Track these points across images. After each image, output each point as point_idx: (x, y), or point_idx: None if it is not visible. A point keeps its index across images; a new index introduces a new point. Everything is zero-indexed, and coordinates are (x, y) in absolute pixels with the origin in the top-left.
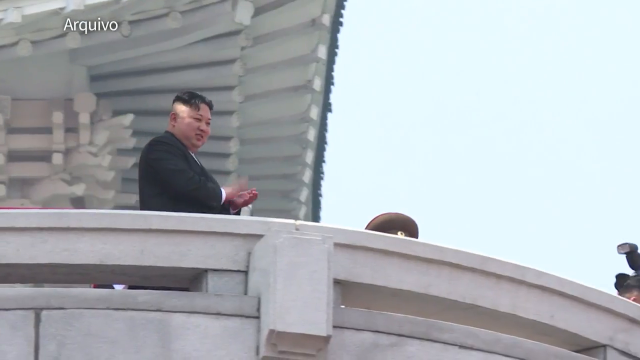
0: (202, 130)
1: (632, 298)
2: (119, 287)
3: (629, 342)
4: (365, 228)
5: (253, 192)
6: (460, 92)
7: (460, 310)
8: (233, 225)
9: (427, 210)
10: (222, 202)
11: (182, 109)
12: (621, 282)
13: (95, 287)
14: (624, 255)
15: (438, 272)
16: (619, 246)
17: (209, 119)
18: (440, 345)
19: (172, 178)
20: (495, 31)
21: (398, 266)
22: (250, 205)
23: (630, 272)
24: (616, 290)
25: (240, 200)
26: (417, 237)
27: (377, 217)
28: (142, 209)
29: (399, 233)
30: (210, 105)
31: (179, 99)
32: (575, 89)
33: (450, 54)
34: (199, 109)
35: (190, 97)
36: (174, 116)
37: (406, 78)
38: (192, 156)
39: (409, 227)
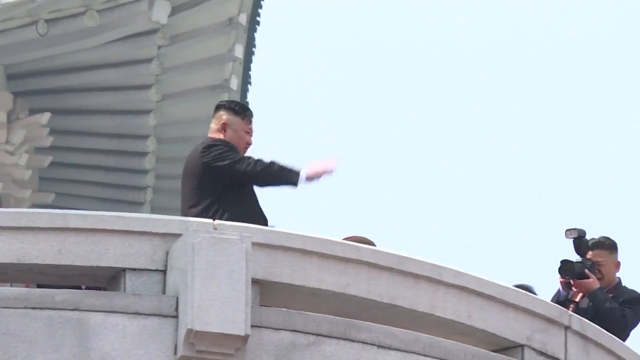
0: (248, 144)
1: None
2: None
3: (547, 342)
4: None
5: (330, 162)
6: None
7: (379, 309)
8: (151, 224)
9: (348, 204)
10: (300, 180)
11: (234, 120)
12: (565, 267)
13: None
14: (572, 241)
15: (356, 272)
16: (567, 231)
17: (252, 130)
18: (359, 345)
19: (236, 166)
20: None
21: (317, 266)
22: None
23: (575, 258)
24: (559, 275)
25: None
26: None
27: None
28: (195, 215)
29: None
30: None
31: (229, 109)
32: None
33: (366, 51)
34: (250, 123)
35: (243, 110)
36: (224, 125)
37: (323, 77)
38: None
39: None
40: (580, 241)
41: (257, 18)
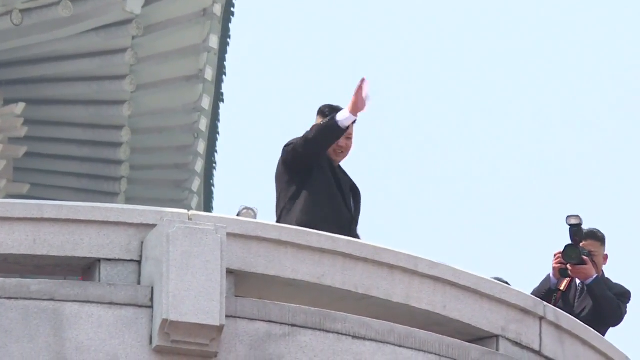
0: (340, 146)
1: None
2: None
3: (521, 332)
4: None
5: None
6: (354, 79)
7: (354, 300)
8: (126, 214)
9: None
10: (345, 121)
11: (320, 121)
12: (570, 253)
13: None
14: (570, 227)
15: (332, 262)
16: (569, 217)
17: (349, 133)
18: (334, 336)
19: (297, 145)
20: (388, 14)
21: (292, 256)
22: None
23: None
24: (556, 260)
25: (363, 99)
26: None
27: None
28: (287, 212)
29: None
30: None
31: (320, 112)
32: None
33: (341, 42)
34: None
35: (330, 112)
36: (315, 127)
37: (298, 68)
38: (338, 169)
39: None
40: (578, 229)
41: (232, 9)
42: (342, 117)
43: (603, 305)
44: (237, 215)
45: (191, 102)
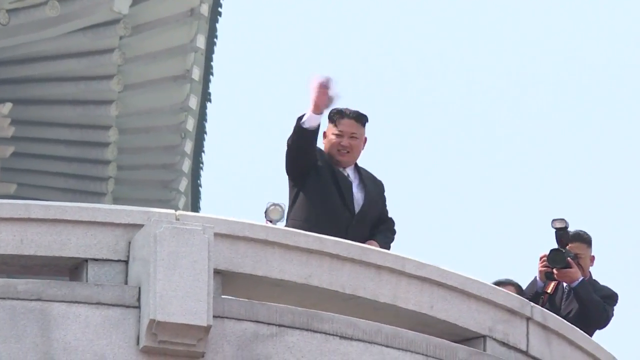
0: (342, 146)
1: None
2: None
3: (509, 332)
4: None
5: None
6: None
7: (341, 300)
8: (114, 215)
9: None
10: (308, 122)
11: (329, 126)
12: (555, 257)
13: None
14: (555, 231)
15: (319, 263)
16: (554, 220)
17: (353, 133)
18: (321, 336)
19: (286, 153)
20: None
21: (279, 256)
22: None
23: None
24: (541, 264)
25: (321, 96)
26: None
27: None
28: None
29: None
30: (357, 118)
31: (328, 116)
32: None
33: (328, 41)
34: (337, 125)
35: (334, 114)
36: (324, 134)
37: (286, 68)
38: (341, 170)
39: None
40: (564, 232)
41: (219, 9)
42: (306, 118)
43: (589, 308)
44: (265, 212)
45: (178, 102)
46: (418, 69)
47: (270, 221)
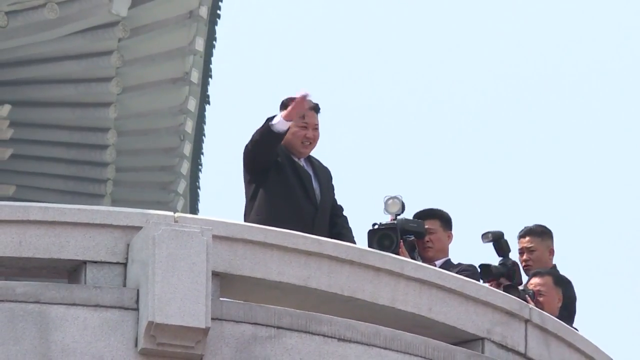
0: (307, 138)
1: (494, 285)
2: None
3: (507, 335)
4: None
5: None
6: (339, 79)
7: (340, 302)
8: (112, 217)
9: None
10: (279, 125)
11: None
12: (486, 271)
13: None
14: (491, 244)
15: (318, 265)
16: (482, 236)
17: (316, 124)
18: (320, 338)
19: (248, 150)
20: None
21: (278, 259)
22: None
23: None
24: (482, 281)
25: (300, 108)
26: None
27: None
28: (251, 211)
29: None
30: (317, 109)
31: (283, 105)
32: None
33: (327, 44)
34: (303, 117)
35: (289, 103)
36: (290, 127)
37: (284, 71)
38: (299, 162)
39: None
40: (498, 243)
41: (218, 11)
42: (276, 122)
43: None
44: (385, 206)
45: (177, 105)
46: (418, 69)
47: (392, 214)
